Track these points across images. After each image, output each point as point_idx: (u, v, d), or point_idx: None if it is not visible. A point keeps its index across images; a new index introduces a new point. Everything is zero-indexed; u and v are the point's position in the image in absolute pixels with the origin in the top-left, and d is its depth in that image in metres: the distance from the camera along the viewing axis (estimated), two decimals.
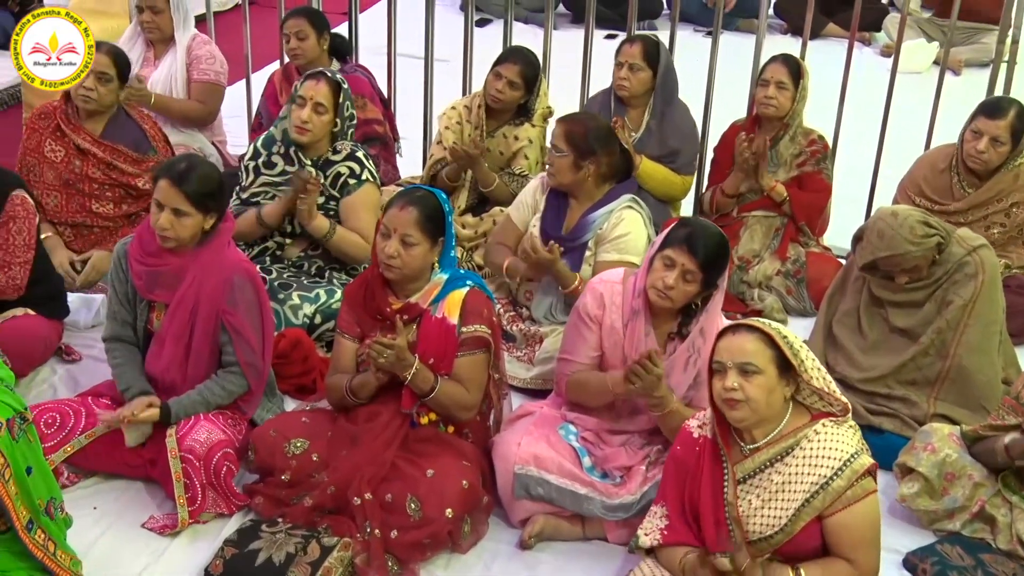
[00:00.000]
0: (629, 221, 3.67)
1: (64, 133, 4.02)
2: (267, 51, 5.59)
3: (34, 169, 4.04)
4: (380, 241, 3.00)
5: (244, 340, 3.11)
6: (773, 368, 2.52)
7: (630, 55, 4.31)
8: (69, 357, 3.73)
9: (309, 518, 2.91)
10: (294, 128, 3.78)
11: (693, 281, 2.93)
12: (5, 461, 2.33)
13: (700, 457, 2.63)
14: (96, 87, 3.96)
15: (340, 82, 3.83)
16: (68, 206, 4.06)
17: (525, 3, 7.61)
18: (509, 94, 4.32)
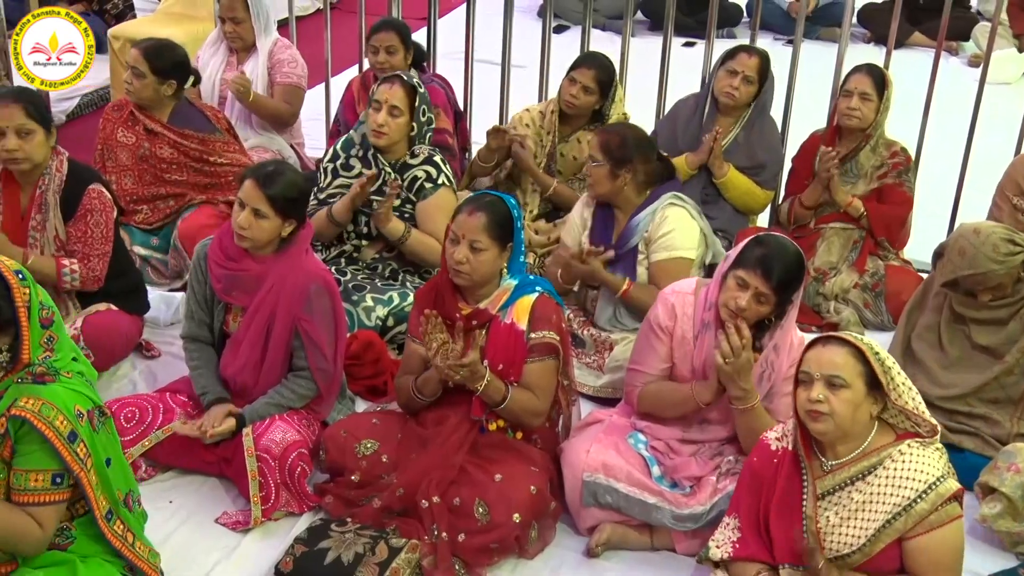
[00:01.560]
0: (672, 218, 3.64)
1: (135, 121, 4.16)
2: (347, 55, 5.66)
3: (110, 154, 4.20)
4: (449, 246, 3.01)
5: (317, 347, 3.14)
6: (861, 383, 2.47)
7: (748, 66, 4.26)
8: (149, 353, 3.81)
9: (378, 519, 2.93)
10: (371, 132, 3.82)
11: (766, 303, 2.89)
12: (87, 450, 2.39)
13: (778, 469, 2.59)
14: (132, 81, 4.08)
15: (416, 86, 3.86)
16: (142, 181, 4.20)
17: (603, 10, 7.59)
18: (583, 99, 4.32)
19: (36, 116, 3.33)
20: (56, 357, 2.43)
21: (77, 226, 3.47)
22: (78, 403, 2.38)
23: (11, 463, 2.36)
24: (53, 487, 2.37)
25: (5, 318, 2.34)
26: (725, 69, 4.31)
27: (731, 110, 4.35)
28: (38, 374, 2.37)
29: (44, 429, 2.31)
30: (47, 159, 3.42)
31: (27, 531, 2.36)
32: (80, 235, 3.48)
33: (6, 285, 2.35)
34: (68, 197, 3.46)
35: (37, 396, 2.33)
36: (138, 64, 4.05)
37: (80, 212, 3.47)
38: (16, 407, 2.31)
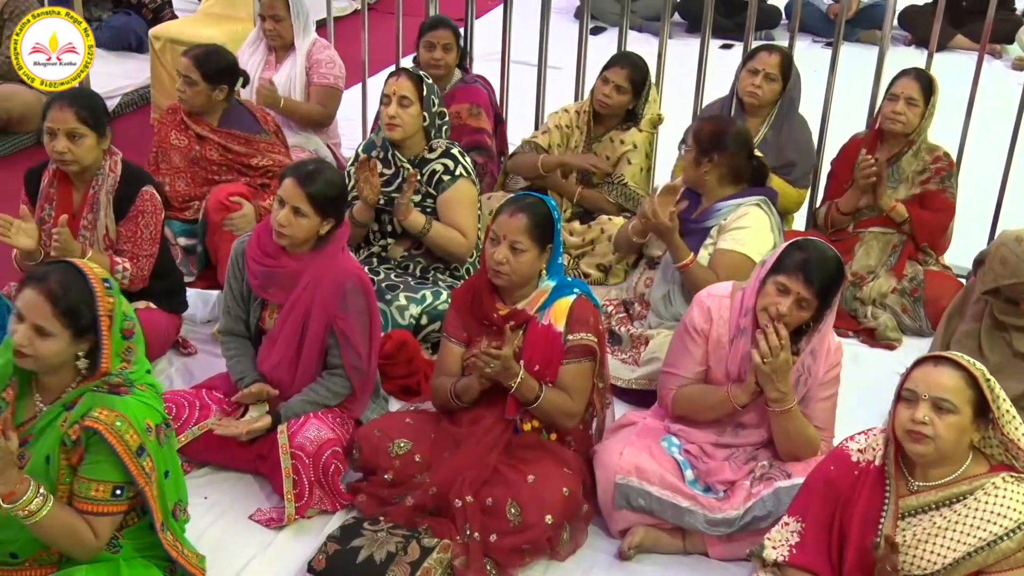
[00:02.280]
0: (753, 216, 3.63)
1: (187, 125, 4.23)
2: (384, 56, 5.67)
3: (164, 157, 4.28)
4: (489, 247, 3.01)
5: (351, 345, 3.16)
6: (970, 410, 2.40)
7: (768, 64, 4.25)
8: (185, 350, 3.84)
9: (410, 518, 2.93)
10: (385, 126, 3.84)
11: (807, 308, 2.87)
12: (152, 465, 2.42)
13: (858, 481, 2.53)
14: (184, 89, 4.14)
15: (422, 77, 3.87)
16: (194, 182, 4.27)
17: (640, 11, 7.56)
18: (616, 99, 4.32)
19: (88, 120, 3.37)
20: (132, 369, 2.46)
21: (128, 226, 3.52)
22: (149, 417, 2.42)
23: (77, 469, 2.39)
24: (113, 499, 2.41)
25: (85, 324, 2.37)
26: (747, 69, 4.31)
27: (756, 110, 4.33)
28: (114, 384, 2.41)
29: (115, 443, 2.34)
30: (99, 161, 3.47)
31: (83, 538, 2.39)
32: (130, 235, 3.52)
33: (91, 292, 2.38)
34: (121, 198, 3.50)
35: (112, 408, 2.36)
36: (189, 72, 4.10)
37: (132, 213, 3.51)
38: (90, 418, 2.34)
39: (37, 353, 2.35)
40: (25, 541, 2.43)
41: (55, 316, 2.34)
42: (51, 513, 2.31)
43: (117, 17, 6.66)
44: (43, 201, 3.55)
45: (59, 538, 2.38)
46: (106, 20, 6.64)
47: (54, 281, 2.36)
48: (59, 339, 2.35)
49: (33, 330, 2.33)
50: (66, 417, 2.39)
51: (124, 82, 6.13)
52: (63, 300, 2.34)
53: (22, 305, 2.36)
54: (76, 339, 2.38)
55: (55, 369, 2.41)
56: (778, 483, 2.88)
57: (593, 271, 4.31)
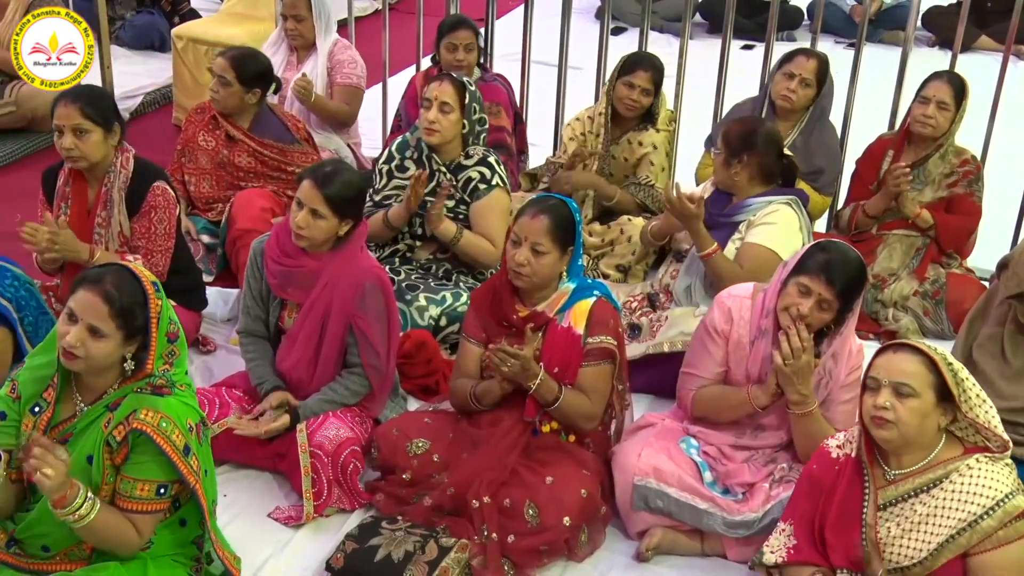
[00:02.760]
0: (783, 214, 3.64)
1: (216, 125, 4.22)
2: (404, 55, 5.68)
3: (190, 156, 4.26)
4: (510, 248, 3.01)
5: (370, 344, 3.16)
6: (931, 394, 2.42)
7: (806, 69, 4.22)
8: (205, 348, 3.86)
9: (428, 518, 2.94)
10: (423, 130, 3.83)
11: (829, 310, 2.86)
12: (198, 463, 2.45)
13: (838, 476, 2.55)
14: (218, 89, 4.13)
15: (465, 84, 3.87)
16: (219, 185, 4.26)
17: (661, 11, 7.55)
18: (643, 102, 4.32)
19: (93, 116, 3.38)
20: (173, 370, 2.47)
21: (141, 222, 3.53)
22: (190, 416, 2.44)
23: (121, 469, 2.41)
24: (156, 497, 2.43)
25: (139, 325, 2.38)
26: (782, 72, 4.27)
27: (788, 114, 4.30)
28: (157, 386, 2.42)
29: (163, 444, 2.36)
30: (108, 157, 3.48)
31: (127, 537, 2.42)
32: (144, 231, 3.53)
33: (144, 294, 2.40)
34: (133, 194, 3.51)
35: (156, 409, 2.38)
36: (225, 73, 4.10)
37: (144, 208, 3.52)
38: (137, 420, 2.36)
39: (88, 355, 2.35)
40: (58, 536, 2.46)
41: (111, 317, 2.34)
42: (98, 517, 2.34)
43: (140, 16, 6.70)
44: (59, 200, 3.56)
45: (106, 538, 2.41)
46: (129, 19, 6.69)
47: (109, 283, 2.37)
48: (111, 340, 2.36)
49: (87, 331, 2.34)
50: (109, 418, 2.40)
51: (146, 81, 6.17)
52: (119, 301, 2.35)
53: (76, 306, 2.35)
54: (127, 341, 2.39)
55: (102, 371, 2.42)
56: None
57: (612, 272, 4.30)
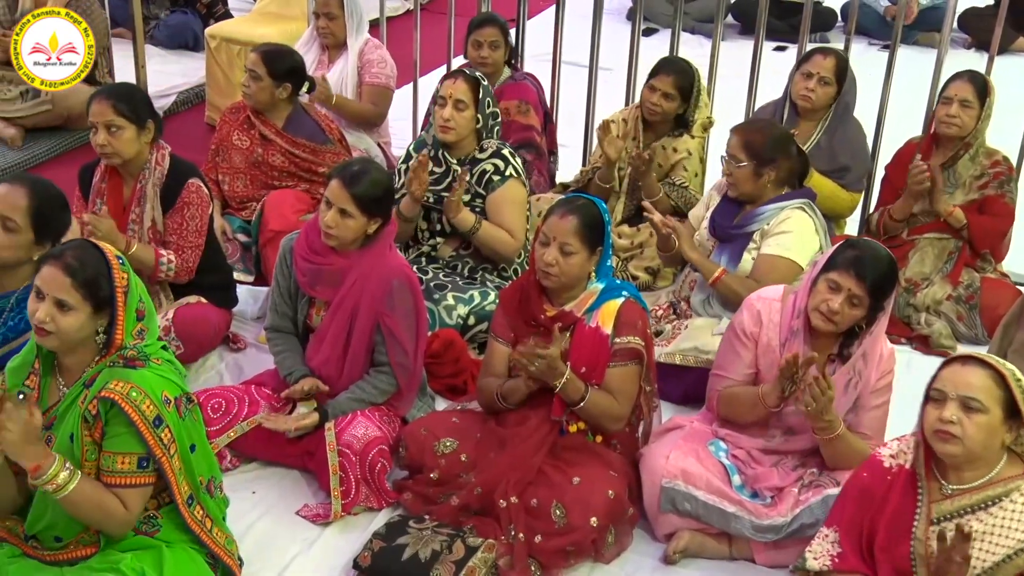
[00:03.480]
0: (796, 220, 3.61)
1: (251, 125, 4.25)
2: (435, 55, 5.69)
3: (224, 155, 4.30)
4: (538, 248, 3.01)
5: (398, 342, 3.17)
6: (999, 410, 2.35)
7: (823, 67, 4.19)
8: (235, 346, 3.88)
9: (455, 517, 2.94)
10: (438, 128, 3.84)
11: (860, 306, 2.83)
12: (171, 436, 2.45)
13: (891, 488, 2.50)
14: (249, 84, 4.16)
15: (479, 79, 3.87)
16: (253, 184, 4.29)
17: (693, 13, 7.50)
18: (665, 106, 4.29)
19: (126, 113, 3.42)
20: (147, 343, 2.49)
21: (174, 218, 3.56)
22: (166, 389, 2.45)
23: (102, 445, 2.43)
24: (139, 470, 2.44)
25: (103, 296, 2.41)
26: (800, 72, 4.26)
27: (810, 113, 4.28)
28: (129, 358, 2.45)
29: (131, 412, 2.38)
30: (142, 154, 3.51)
31: (113, 511, 2.43)
32: (176, 227, 3.56)
33: (108, 265, 2.43)
34: (168, 190, 3.54)
35: (127, 380, 2.40)
36: (256, 67, 4.13)
37: (178, 205, 3.55)
38: (106, 389, 2.39)
39: (59, 328, 2.38)
40: (66, 524, 2.48)
41: (75, 288, 2.38)
42: (78, 487, 2.36)
43: (175, 15, 6.75)
44: (95, 196, 3.61)
45: (90, 513, 2.42)
46: (164, 18, 6.74)
47: (71, 256, 2.41)
48: (80, 312, 2.39)
49: (55, 305, 2.38)
50: (85, 395, 2.43)
51: (180, 80, 6.21)
52: (81, 272, 2.39)
53: (41, 282, 2.40)
54: (95, 313, 2.42)
55: (76, 347, 2.45)
56: (827, 491, 2.85)
57: (641, 274, 4.29)
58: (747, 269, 3.62)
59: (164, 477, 2.48)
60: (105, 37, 5.46)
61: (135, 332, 2.48)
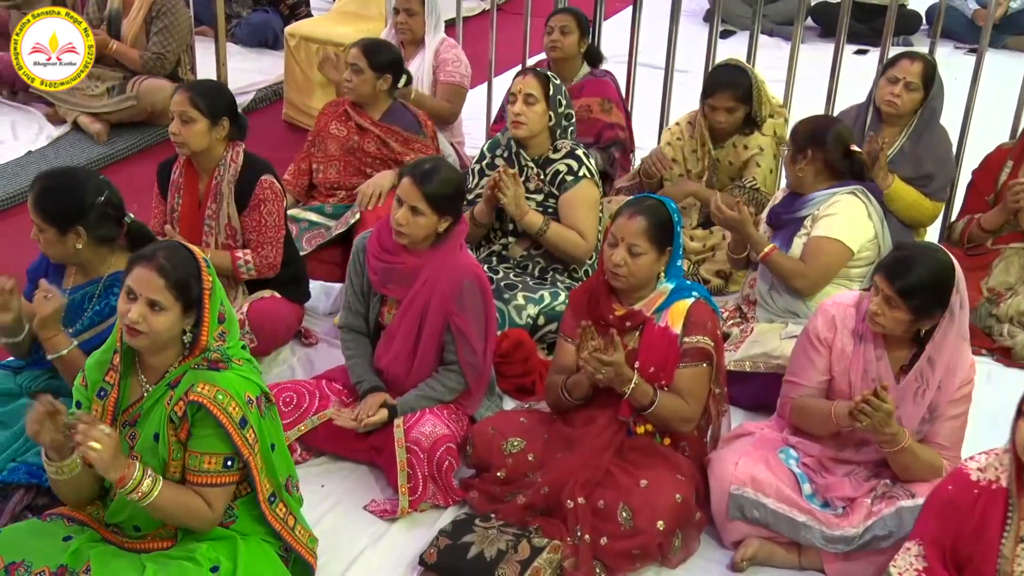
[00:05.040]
0: (845, 203, 3.59)
1: (349, 117, 4.36)
2: (511, 55, 5.70)
3: (320, 145, 4.41)
4: (607, 249, 3.00)
5: (467, 342, 3.18)
6: None
7: (910, 73, 4.11)
8: (307, 341, 3.92)
9: (521, 517, 2.94)
10: (511, 124, 3.85)
11: (897, 308, 2.79)
12: (255, 436, 2.49)
13: (977, 501, 2.43)
14: (352, 78, 4.24)
15: (549, 77, 3.87)
16: (346, 171, 4.37)
17: (772, 15, 7.41)
18: (731, 120, 4.23)
19: (200, 106, 3.49)
20: (228, 344, 2.54)
21: (251, 216, 3.61)
22: (248, 390, 2.49)
23: (187, 445, 2.47)
24: (224, 470, 2.48)
25: (193, 297, 2.46)
26: (886, 77, 4.17)
27: (895, 119, 4.19)
28: (213, 360, 2.49)
29: (219, 415, 2.42)
30: (214, 149, 3.57)
31: (199, 511, 2.48)
32: (254, 224, 3.62)
33: (197, 266, 2.48)
34: (242, 187, 3.60)
35: (212, 383, 2.44)
36: (358, 60, 4.22)
37: (253, 202, 3.61)
38: (194, 392, 2.42)
39: (151, 329, 2.42)
40: (147, 517, 2.53)
41: (167, 289, 2.42)
42: (162, 494, 2.41)
43: (256, 14, 6.87)
44: (173, 190, 3.68)
45: (175, 515, 2.48)
46: (246, 17, 6.86)
47: (163, 257, 2.45)
48: (171, 313, 2.43)
49: (147, 306, 2.42)
50: (171, 395, 2.47)
51: (258, 78, 6.31)
52: (173, 273, 2.43)
53: (134, 283, 2.44)
54: (184, 314, 2.46)
55: (163, 347, 2.49)
56: (901, 502, 2.79)
57: (713, 278, 4.24)
58: (797, 252, 3.62)
59: (250, 475, 2.52)
60: (189, 35, 5.58)
61: (217, 335, 2.52)
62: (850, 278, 3.64)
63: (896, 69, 4.14)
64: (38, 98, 5.55)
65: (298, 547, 2.66)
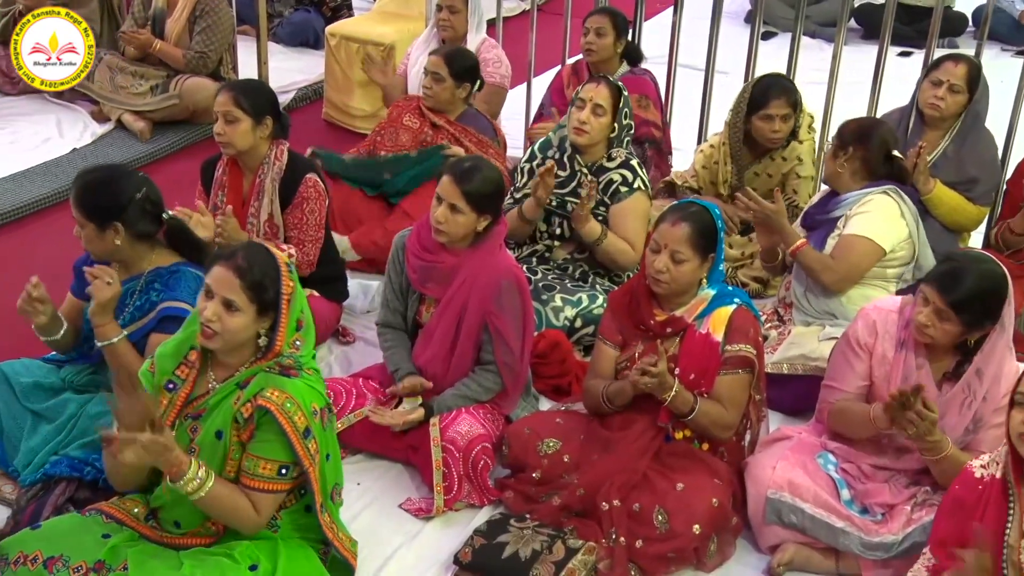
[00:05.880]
0: (877, 202, 3.58)
1: (423, 113, 4.43)
2: (550, 56, 5.70)
3: (391, 134, 4.49)
4: (649, 255, 2.99)
5: (505, 342, 3.18)
6: None
7: (954, 75, 4.06)
8: (344, 339, 3.94)
9: (556, 518, 2.94)
10: (573, 129, 3.83)
11: (948, 320, 2.75)
12: (316, 447, 2.51)
13: (982, 496, 2.43)
14: (431, 85, 4.32)
15: (621, 88, 3.86)
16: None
17: (814, 16, 7.34)
18: (786, 128, 4.17)
19: (244, 105, 3.52)
20: (301, 353, 2.55)
21: (294, 214, 3.64)
22: (315, 401, 2.50)
23: (247, 447, 2.49)
24: (278, 477, 2.49)
25: (268, 300, 2.47)
26: (929, 80, 4.13)
27: (938, 122, 4.14)
28: (285, 366, 2.50)
29: (284, 423, 2.43)
30: (258, 148, 3.60)
31: (244, 513, 2.49)
32: (296, 222, 3.64)
33: (277, 269, 2.50)
34: (286, 185, 3.63)
35: (282, 389, 2.45)
36: (438, 69, 4.29)
37: (297, 200, 3.63)
38: (263, 397, 2.44)
39: (224, 328, 2.44)
40: (188, 514, 2.56)
41: (243, 290, 2.44)
42: (213, 490, 2.42)
43: (298, 13, 6.91)
44: (216, 188, 3.72)
45: (222, 513, 2.49)
46: (287, 16, 6.91)
47: (241, 257, 2.47)
48: (245, 314, 2.45)
49: (222, 305, 2.44)
50: (239, 396, 2.49)
51: (299, 77, 6.36)
52: (250, 274, 2.45)
53: (212, 282, 2.46)
54: (260, 316, 2.47)
55: (237, 348, 2.51)
56: None
57: (751, 282, 4.22)
58: (828, 249, 3.62)
59: (309, 486, 2.53)
60: (231, 34, 5.63)
61: (292, 342, 2.53)
62: (886, 279, 3.62)
63: (940, 71, 4.09)
64: (83, 96, 5.62)
65: (344, 552, 2.68)
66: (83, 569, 2.43)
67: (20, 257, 4.43)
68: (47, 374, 3.15)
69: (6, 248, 4.52)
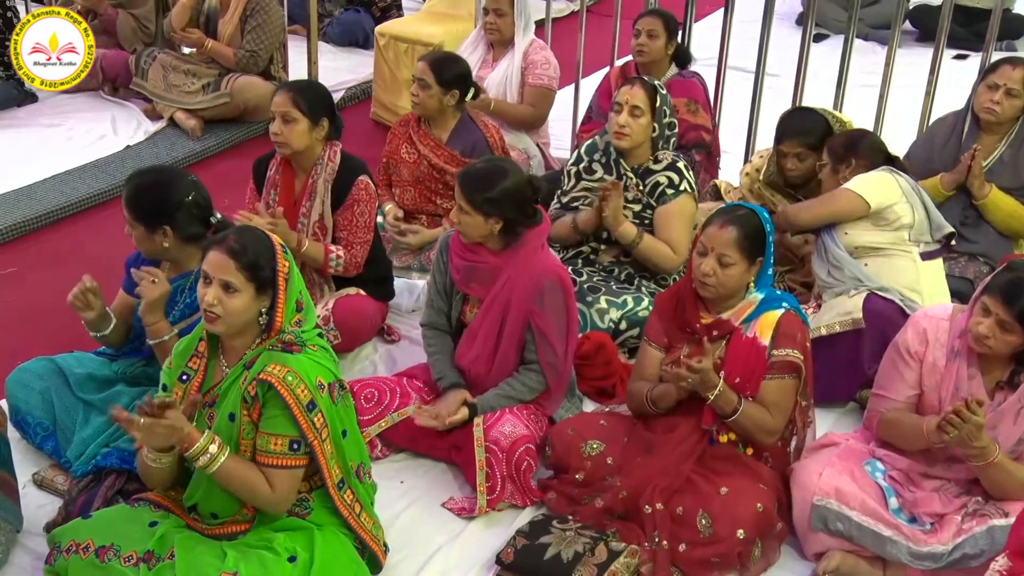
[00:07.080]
0: (873, 172, 3.61)
1: (413, 142, 4.30)
2: (599, 57, 5.69)
3: (394, 169, 4.38)
4: (696, 258, 2.97)
5: (548, 342, 3.18)
6: None
7: (1011, 79, 3.99)
8: (390, 338, 3.96)
9: (599, 520, 2.93)
10: (613, 134, 3.83)
11: (1011, 331, 2.71)
12: (324, 421, 2.53)
13: None
14: (418, 92, 4.19)
15: (657, 87, 3.84)
16: (420, 198, 4.36)
17: (867, 18, 7.25)
18: (802, 167, 4.04)
19: (301, 106, 3.54)
20: (304, 328, 2.59)
21: (344, 215, 3.66)
22: (320, 375, 2.53)
23: (258, 426, 2.53)
24: (291, 452, 2.52)
25: (265, 278, 2.51)
26: (985, 84, 4.06)
27: (994, 127, 4.08)
28: (287, 343, 2.54)
29: (286, 396, 2.47)
30: (313, 148, 3.62)
31: (259, 488, 2.53)
32: (346, 223, 3.66)
33: (270, 248, 2.54)
34: (338, 186, 3.65)
35: (284, 364, 2.49)
36: (424, 75, 4.17)
37: (348, 202, 3.65)
38: (264, 372, 2.48)
39: (226, 311, 2.49)
40: (223, 503, 2.60)
41: (239, 270, 2.48)
42: (226, 464, 2.47)
43: (348, 13, 6.97)
44: (269, 187, 3.75)
45: (238, 488, 2.53)
46: (338, 16, 6.96)
47: (233, 239, 2.52)
48: (244, 294, 2.49)
49: (221, 288, 2.48)
50: (245, 376, 2.53)
51: (348, 76, 6.40)
52: (244, 254, 2.49)
53: (207, 267, 2.51)
54: (259, 294, 2.52)
55: (241, 330, 2.55)
56: (993, 521, 2.71)
57: (798, 287, 4.17)
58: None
59: (315, 460, 2.56)
60: (281, 33, 5.69)
61: (293, 321, 2.57)
62: (903, 245, 3.60)
63: (997, 75, 4.03)
64: (137, 94, 5.72)
65: (363, 534, 2.69)
66: (133, 559, 2.49)
67: (74, 253, 4.51)
68: (100, 367, 3.22)
69: (61, 243, 4.60)
